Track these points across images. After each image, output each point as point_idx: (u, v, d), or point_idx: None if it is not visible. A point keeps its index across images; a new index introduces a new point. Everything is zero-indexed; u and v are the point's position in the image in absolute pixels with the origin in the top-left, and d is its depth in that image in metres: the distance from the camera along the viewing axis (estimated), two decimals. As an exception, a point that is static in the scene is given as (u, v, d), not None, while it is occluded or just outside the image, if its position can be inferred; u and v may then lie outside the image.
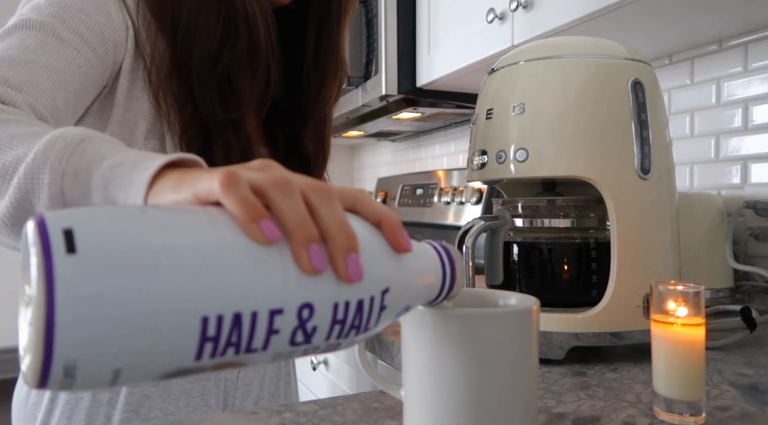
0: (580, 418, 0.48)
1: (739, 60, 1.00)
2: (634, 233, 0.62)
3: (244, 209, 0.27)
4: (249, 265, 0.27)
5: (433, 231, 1.82)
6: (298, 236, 0.28)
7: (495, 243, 0.70)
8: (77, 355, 0.23)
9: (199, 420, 0.48)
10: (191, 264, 0.25)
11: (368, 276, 0.30)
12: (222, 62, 0.62)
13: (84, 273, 0.23)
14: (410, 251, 0.33)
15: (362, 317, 0.30)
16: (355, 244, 0.29)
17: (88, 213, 0.25)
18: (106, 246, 0.24)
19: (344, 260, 0.29)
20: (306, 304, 0.28)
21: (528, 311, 0.39)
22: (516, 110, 0.65)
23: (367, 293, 0.30)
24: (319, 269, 0.28)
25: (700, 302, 0.46)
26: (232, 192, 0.28)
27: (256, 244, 0.27)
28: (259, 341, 0.27)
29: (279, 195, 0.29)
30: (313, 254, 0.28)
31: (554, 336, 0.62)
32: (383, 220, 0.32)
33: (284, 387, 0.79)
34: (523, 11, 1.01)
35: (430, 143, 2.07)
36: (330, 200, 0.30)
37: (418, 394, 0.40)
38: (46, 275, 0.22)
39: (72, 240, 0.23)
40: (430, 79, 1.36)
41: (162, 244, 0.25)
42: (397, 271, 0.32)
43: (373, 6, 1.45)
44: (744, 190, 0.99)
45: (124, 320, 0.24)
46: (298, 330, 0.28)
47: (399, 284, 0.32)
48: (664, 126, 0.66)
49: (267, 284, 0.27)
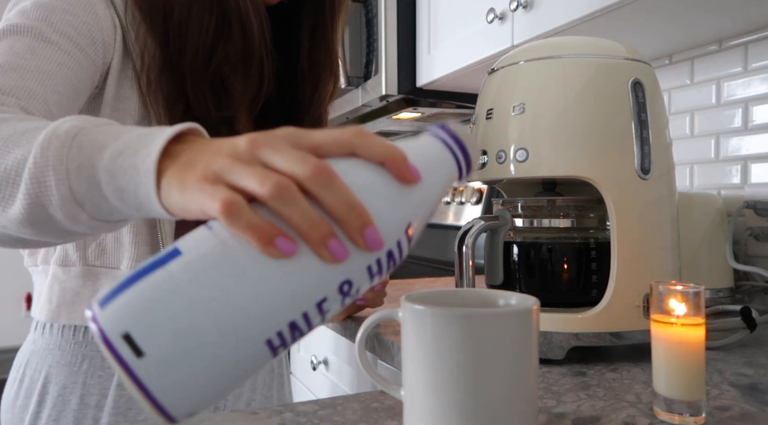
0: (580, 418, 0.48)
1: (739, 60, 1.00)
2: (634, 233, 0.62)
3: (255, 236, 0.29)
4: (283, 281, 0.29)
5: (433, 231, 1.82)
6: (313, 238, 0.29)
7: (495, 243, 0.70)
8: (188, 408, 0.29)
9: (199, 420, 0.48)
10: (237, 311, 0.29)
11: (388, 230, 0.32)
12: (215, 60, 0.61)
13: (157, 367, 0.28)
14: (419, 181, 0.33)
15: (396, 257, 0.33)
16: (367, 218, 0.30)
17: (133, 306, 0.28)
18: (164, 339, 0.28)
19: (362, 238, 0.30)
20: (344, 282, 0.31)
21: (528, 311, 0.39)
22: (516, 110, 0.65)
23: (392, 242, 0.32)
24: (343, 257, 0.30)
25: (700, 302, 0.46)
26: (237, 222, 0.29)
27: (285, 260, 0.29)
28: (317, 322, 0.32)
29: (281, 205, 0.29)
30: (333, 247, 0.29)
31: (554, 336, 0.62)
32: (386, 160, 0.32)
33: (277, 388, 0.79)
34: (523, 11, 1.01)
35: (430, 143, 2.07)
36: (331, 185, 0.30)
37: (418, 394, 0.40)
38: (129, 377, 0.28)
39: (135, 345, 0.27)
40: (430, 79, 1.36)
41: (205, 310, 0.28)
42: (413, 202, 0.33)
43: (373, 6, 1.45)
44: (744, 190, 0.99)
45: (202, 379, 0.29)
46: (345, 298, 0.32)
47: (419, 211, 0.34)
48: (664, 126, 0.66)
49: (304, 286, 0.30)
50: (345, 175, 0.31)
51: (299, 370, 1.33)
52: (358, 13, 1.53)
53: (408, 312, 0.40)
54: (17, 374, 0.67)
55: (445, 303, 0.42)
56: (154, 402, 0.28)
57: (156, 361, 0.28)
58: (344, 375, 1.06)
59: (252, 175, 0.30)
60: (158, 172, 0.34)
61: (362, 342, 0.45)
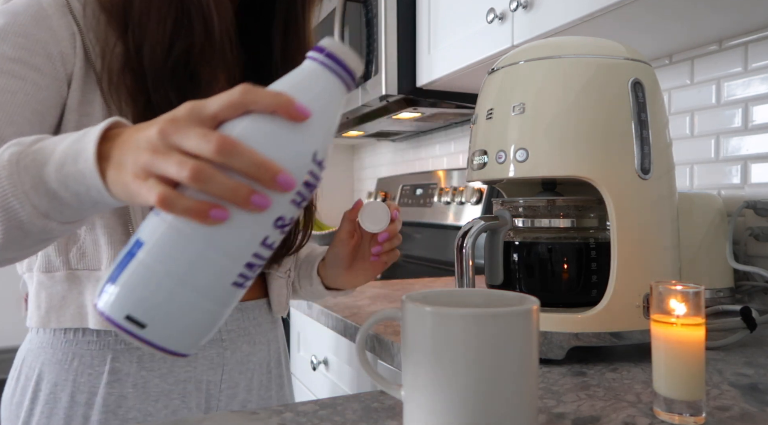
0: (580, 418, 0.48)
1: (739, 60, 1.00)
2: (634, 233, 0.62)
3: (191, 215, 0.36)
4: (227, 238, 0.37)
5: (433, 231, 1.82)
6: (236, 200, 0.36)
7: (495, 243, 0.70)
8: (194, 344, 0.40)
9: (200, 419, 0.48)
10: (200, 271, 0.37)
11: (297, 166, 0.38)
12: (174, 53, 0.61)
13: (159, 329, 0.37)
14: (309, 115, 0.38)
15: (313, 183, 0.39)
16: (274, 168, 0.36)
17: (124, 293, 0.37)
18: (155, 309, 0.37)
19: (276, 184, 0.36)
20: (277, 219, 0.38)
21: (528, 312, 0.39)
22: (516, 110, 0.65)
23: (305, 173, 0.38)
24: (267, 205, 0.37)
25: (700, 302, 0.46)
26: (174, 209, 0.36)
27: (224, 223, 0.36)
28: (268, 254, 0.39)
29: (201, 184, 0.36)
30: (255, 201, 0.36)
31: (554, 336, 0.62)
32: (276, 109, 0.37)
33: (276, 389, 0.78)
34: (523, 11, 1.01)
35: (430, 143, 2.07)
36: (234, 152, 0.36)
37: (418, 394, 0.40)
38: (143, 342, 0.37)
39: (136, 320, 0.36)
40: (430, 79, 1.36)
41: (176, 279, 0.37)
42: (312, 134, 0.39)
43: (373, 6, 1.45)
44: (744, 190, 0.99)
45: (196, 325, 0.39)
46: (284, 229, 0.39)
47: (320, 138, 0.39)
48: (664, 126, 0.66)
49: (246, 235, 0.38)
50: (245, 134, 0.37)
51: (299, 370, 1.33)
52: (358, 13, 1.53)
53: (408, 312, 0.40)
54: (15, 372, 0.69)
55: (445, 303, 0.42)
56: (168, 351, 0.38)
57: (157, 326, 0.37)
58: (344, 375, 1.06)
59: (171, 165, 0.36)
60: (101, 172, 0.41)
61: (362, 342, 0.45)
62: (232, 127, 0.37)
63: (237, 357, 0.72)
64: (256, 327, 0.75)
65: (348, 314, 0.97)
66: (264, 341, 0.77)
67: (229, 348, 0.72)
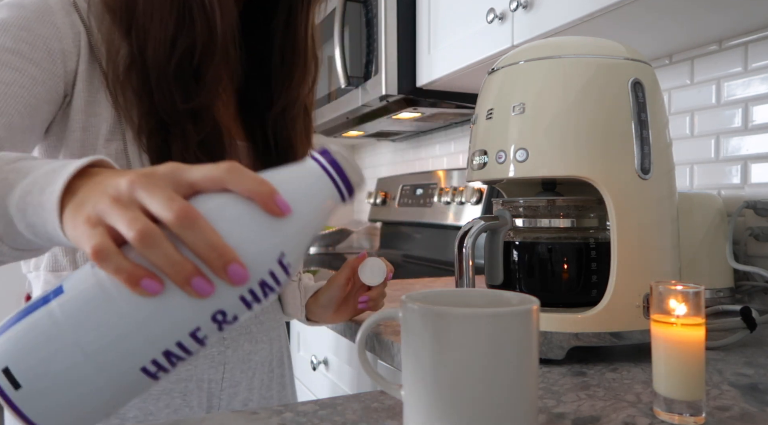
0: (580, 418, 0.48)
1: (739, 60, 1.00)
2: (634, 233, 0.62)
3: (122, 277, 0.32)
4: (153, 315, 0.32)
5: (433, 231, 1.82)
6: (176, 278, 0.32)
7: (495, 243, 0.70)
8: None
9: (200, 419, 0.48)
10: (109, 344, 0.32)
11: (256, 262, 0.33)
12: (177, 50, 0.61)
13: (33, 397, 0.31)
14: (289, 213, 0.34)
15: (271, 284, 0.34)
16: (229, 256, 0.32)
17: (13, 343, 0.32)
18: (40, 373, 0.31)
19: (226, 274, 0.32)
20: (216, 312, 0.33)
21: (528, 312, 0.39)
22: (516, 110, 0.65)
23: (264, 271, 0.34)
24: (208, 293, 0.32)
25: (700, 302, 0.46)
26: (106, 265, 0.32)
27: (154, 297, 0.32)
28: (194, 349, 0.34)
29: (144, 249, 0.32)
30: (196, 285, 0.32)
31: (554, 336, 0.62)
32: (254, 195, 0.34)
33: (278, 389, 0.78)
34: (523, 11, 1.01)
35: (430, 143, 2.07)
36: (193, 226, 0.32)
37: (418, 394, 0.40)
38: (8, 405, 0.31)
39: (13, 378, 0.31)
40: (430, 79, 1.36)
41: (80, 346, 0.31)
42: (284, 233, 0.34)
43: (373, 6, 1.45)
44: (744, 190, 0.99)
45: (80, 405, 0.32)
46: (222, 325, 0.34)
47: (292, 241, 0.35)
48: (664, 126, 0.66)
49: (175, 319, 0.33)
50: (214, 212, 0.33)
51: (299, 370, 1.33)
52: (358, 13, 1.53)
53: (408, 312, 0.40)
54: None
55: (445, 303, 0.42)
56: (29, 422, 0.32)
57: (32, 392, 0.31)
58: (344, 375, 1.06)
59: (123, 219, 0.33)
60: (61, 208, 0.37)
61: (362, 342, 0.45)
62: (204, 201, 0.34)
63: (239, 356, 0.72)
64: (258, 326, 0.75)
65: (348, 314, 0.97)
66: (266, 339, 0.77)
67: (231, 347, 0.72)
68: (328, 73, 1.70)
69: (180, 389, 0.67)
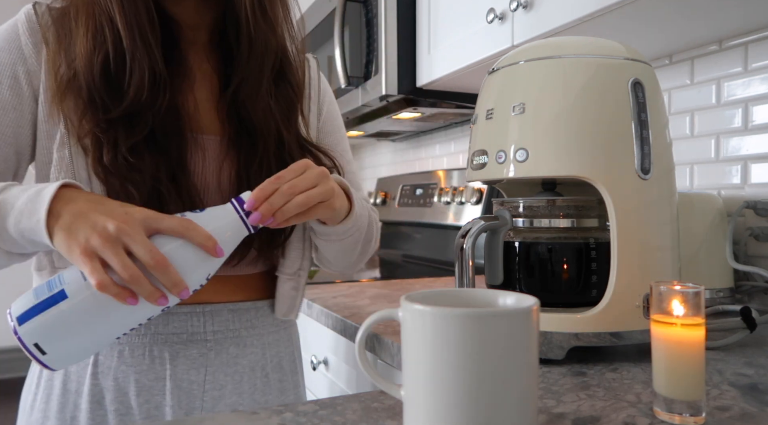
0: (580, 418, 0.48)
1: (739, 60, 1.00)
2: (634, 233, 0.62)
3: (115, 297, 0.52)
4: (129, 313, 0.55)
5: (433, 231, 1.82)
6: (149, 299, 0.53)
7: (495, 243, 0.70)
8: (62, 365, 0.57)
9: (200, 419, 0.48)
10: (101, 328, 0.55)
11: (194, 281, 0.56)
12: (97, 62, 0.64)
13: (54, 358, 0.54)
14: (222, 255, 0.57)
15: (198, 289, 0.58)
16: (182, 286, 0.54)
17: (40, 328, 0.53)
18: (58, 345, 0.54)
19: (178, 295, 0.54)
20: (165, 308, 0.56)
21: (528, 311, 0.39)
22: (516, 110, 0.65)
23: (197, 285, 0.57)
24: (165, 304, 0.55)
25: (700, 302, 0.46)
26: (105, 292, 0.52)
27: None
28: (146, 322, 0.63)
29: (132, 285, 0.52)
30: (160, 301, 0.54)
31: (554, 336, 0.62)
32: (202, 246, 0.55)
33: (277, 394, 0.77)
34: (523, 11, 1.01)
35: (430, 143, 2.07)
36: (163, 270, 0.52)
37: (418, 394, 0.40)
38: (38, 362, 0.54)
39: (41, 348, 0.53)
40: (430, 79, 1.36)
41: (83, 329, 0.54)
42: (215, 262, 0.57)
43: (373, 6, 1.45)
44: (744, 190, 0.99)
45: (79, 357, 0.58)
46: (164, 309, 0.57)
47: (218, 264, 0.57)
48: (664, 126, 0.66)
49: (142, 313, 0.56)
50: (173, 252, 0.54)
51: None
52: (358, 13, 1.53)
53: (408, 312, 0.40)
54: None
55: (445, 303, 0.42)
56: (49, 368, 0.55)
57: (54, 356, 0.54)
58: (344, 374, 1.06)
59: (118, 262, 0.51)
60: (49, 230, 0.54)
61: (362, 342, 0.45)
62: (167, 241, 0.54)
63: (222, 359, 0.72)
64: (249, 329, 0.75)
65: (348, 314, 0.97)
66: (257, 344, 0.76)
67: (214, 349, 0.72)
68: (328, 73, 1.70)
69: (159, 387, 0.69)
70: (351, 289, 1.27)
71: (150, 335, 0.69)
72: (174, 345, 0.70)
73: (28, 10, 0.68)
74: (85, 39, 0.64)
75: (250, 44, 0.71)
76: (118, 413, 0.68)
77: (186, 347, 0.70)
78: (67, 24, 0.67)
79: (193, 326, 0.71)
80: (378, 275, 1.64)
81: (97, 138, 0.64)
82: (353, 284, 1.35)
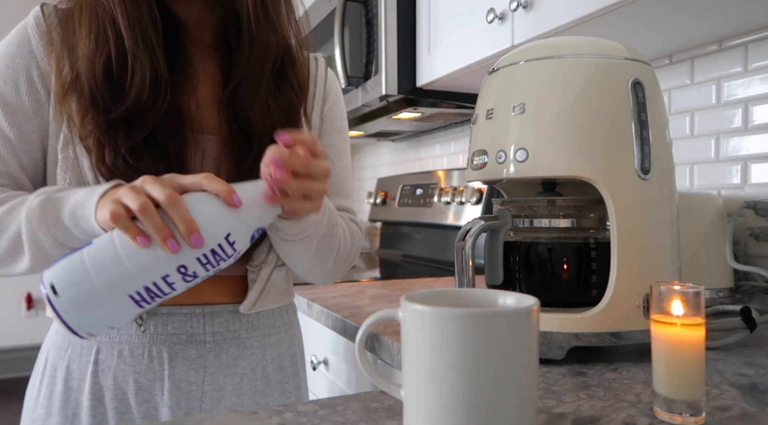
0: (580, 418, 0.48)
1: (739, 60, 1.00)
2: (634, 233, 0.62)
3: (126, 232, 0.52)
4: (141, 261, 0.52)
5: (433, 231, 1.82)
6: (158, 236, 0.51)
7: (495, 243, 0.70)
8: (86, 328, 0.54)
9: (200, 419, 0.48)
10: (114, 275, 0.52)
11: (210, 235, 0.52)
12: (99, 64, 0.64)
13: (66, 303, 0.53)
14: (240, 205, 0.53)
15: (220, 253, 0.54)
16: (193, 227, 0.51)
17: (58, 270, 0.53)
18: (71, 288, 0.52)
19: (188, 238, 0.51)
20: (180, 265, 0.53)
21: (528, 311, 0.39)
22: (516, 110, 0.65)
23: (215, 243, 0.53)
24: (176, 250, 0.52)
25: (700, 302, 0.46)
26: (118, 224, 0.52)
27: (143, 248, 0.52)
28: (167, 290, 0.55)
29: (142, 216, 0.51)
30: (169, 243, 0.51)
31: (554, 336, 0.62)
32: (218, 192, 0.53)
33: (278, 395, 0.77)
34: (523, 11, 1.01)
35: (430, 143, 2.07)
36: (174, 205, 0.51)
37: (418, 394, 0.40)
38: (50, 306, 0.53)
39: (55, 289, 0.52)
40: (430, 79, 1.36)
41: (97, 274, 0.52)
42: (233, 219, 0.54)
43: (373, 6, 1.45)
44: (744, 190, 0.99)
45: (91, 313, 0.53)
46: (185, 277, 0.54)
47: (238, 226, 0.54)
48: (664, 126, 0.66)
49: (154, 265, 0.53)
50: (192, 200, 0.53)
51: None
52: (358, 13, 1.53)
53: (408, 312, 0.40)
54: (41, 355, 0.77)
55: (445, 303, 0.42)
56: (64, 322, 0.53)
57: (66, 299, 0.52)
58: (344, 374, 1.06)
59: (132, 198, 0.52)
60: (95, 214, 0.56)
61: (362, 342, 0.45)
62: (188, 195, 0.54)
63: (222, 360, 0.72)
64: (249, 331, 0.75)
65: (348, 314, 0.97)
66: (258, 345, 0.76)
67: (213, 351, 0.72)
68: (328, 73, 1.70)
69: (158, 387, 0.69)
70: (351, 289, 1.27)
71: (149, 335, 0.69)
72: (173, 346, 0.70)
73: (36, 12, 0.69)
74: (88, 40, 0.65)
75: (251, 44, 0.71)
76: (117, 411, 0.69)
77: (185, 348, 0.70)
78: (71, 25, 0.67)
79: (193, 327, 0.71)
80: (378, 275, 1.64)
81: (98, 139, 0.64)
82: (353, 284, 1.35)
